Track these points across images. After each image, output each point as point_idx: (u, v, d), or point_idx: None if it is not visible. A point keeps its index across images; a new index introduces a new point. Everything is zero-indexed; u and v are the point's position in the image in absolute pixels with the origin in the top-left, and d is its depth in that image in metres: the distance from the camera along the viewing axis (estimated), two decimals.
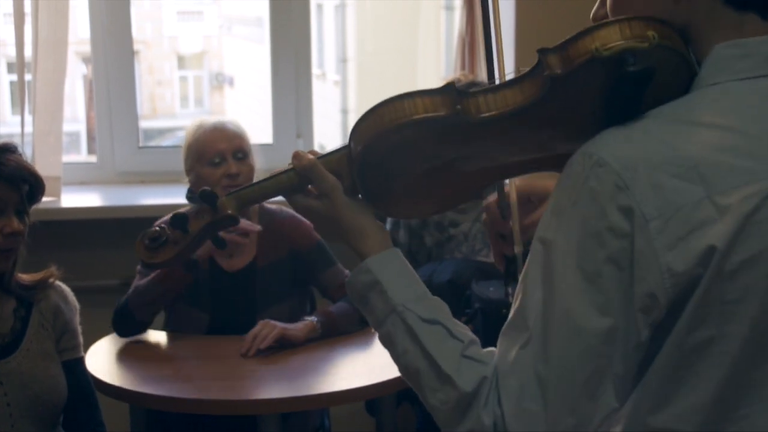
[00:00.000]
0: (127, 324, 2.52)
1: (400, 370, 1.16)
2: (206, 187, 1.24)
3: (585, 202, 1.02)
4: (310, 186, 1.22)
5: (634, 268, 1.00)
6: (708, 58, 1.07)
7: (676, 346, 1.03)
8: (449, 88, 1.12)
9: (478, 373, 1.07)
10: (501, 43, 1.34)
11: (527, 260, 1.09)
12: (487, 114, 1.10)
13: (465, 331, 1.14)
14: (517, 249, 1.54)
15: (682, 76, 1.08)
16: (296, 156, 1.21)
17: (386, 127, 1.12)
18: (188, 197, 1.25)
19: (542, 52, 1.08)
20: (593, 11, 1.17)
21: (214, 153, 2.52)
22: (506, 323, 1.08)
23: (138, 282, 2.52)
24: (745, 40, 1.07)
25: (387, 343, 1.17)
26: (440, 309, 1.16)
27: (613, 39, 1.04)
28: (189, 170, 2.58)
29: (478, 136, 1.13)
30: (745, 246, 1.00)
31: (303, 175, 1.21)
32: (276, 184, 1.23)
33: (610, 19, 1.07)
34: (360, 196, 1.22)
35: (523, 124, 1.11)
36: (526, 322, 1.05)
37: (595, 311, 1.01)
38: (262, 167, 2.60)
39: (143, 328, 2.54)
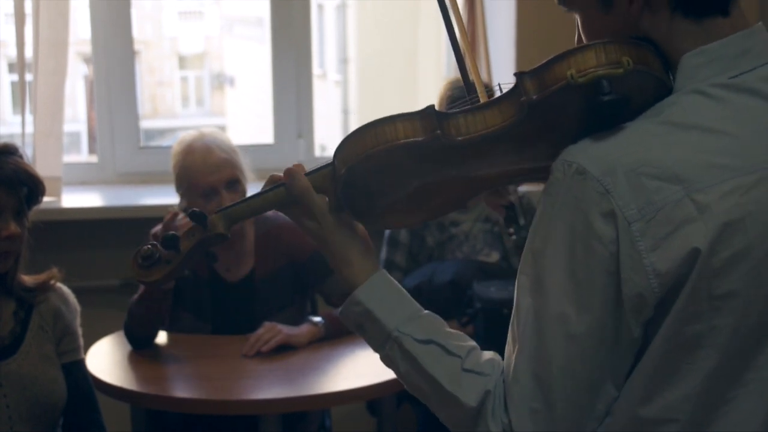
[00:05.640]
0: (134, 339, 2.51)
1: (407, 387, 1.18)
2: (195, 209, 1.27)
3: (570, 211, 1.05)
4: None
5: (621, 271, 1.02)
6: (678, 70, 1.09)
7: (666, 340, 1.06)
8: (429, 112, 1.13)
9: (482, 387, 1.10)
10: (468, 46, 1.37)
11: (519, 269, 1.11)
12: (466, 136, 1.12)
13: (462, 342, 1.16)
14: (513, 198, 1.59)
15: (661, 94, 1.09)
16: (290, 175, 1.20)
17: (367, 152, 1.13)
18: (185, 212, 1.27)
19: (519, 75, 1.09)
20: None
21: (206, 186, 2.46)
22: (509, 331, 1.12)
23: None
24: (708, 46, 1.08)
25: (389, 364, 1.19)
26: (434, 325, 1.18)
27: (588, 65, 1.04)
28: (181, 194, 2.55)
29: (458, 156, 1.14)
30: (729, 244, 1.02)
31: (293, 196, 1.21)
32: (264, 201, 1.24)
33: (586, 43, 1.08)
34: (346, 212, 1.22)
35: (504, 143, 1.12)
36: (517, 330, 1.09)
37: (587, 315, 1.04)
38: (262, 167, 2.59)
39: (151, 340, 2.52)
